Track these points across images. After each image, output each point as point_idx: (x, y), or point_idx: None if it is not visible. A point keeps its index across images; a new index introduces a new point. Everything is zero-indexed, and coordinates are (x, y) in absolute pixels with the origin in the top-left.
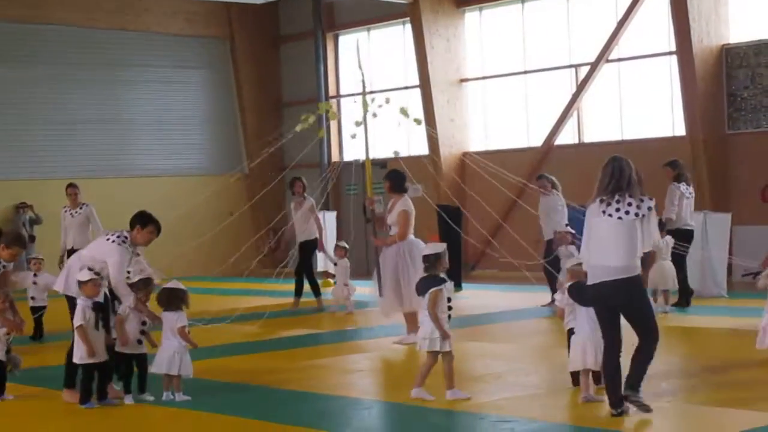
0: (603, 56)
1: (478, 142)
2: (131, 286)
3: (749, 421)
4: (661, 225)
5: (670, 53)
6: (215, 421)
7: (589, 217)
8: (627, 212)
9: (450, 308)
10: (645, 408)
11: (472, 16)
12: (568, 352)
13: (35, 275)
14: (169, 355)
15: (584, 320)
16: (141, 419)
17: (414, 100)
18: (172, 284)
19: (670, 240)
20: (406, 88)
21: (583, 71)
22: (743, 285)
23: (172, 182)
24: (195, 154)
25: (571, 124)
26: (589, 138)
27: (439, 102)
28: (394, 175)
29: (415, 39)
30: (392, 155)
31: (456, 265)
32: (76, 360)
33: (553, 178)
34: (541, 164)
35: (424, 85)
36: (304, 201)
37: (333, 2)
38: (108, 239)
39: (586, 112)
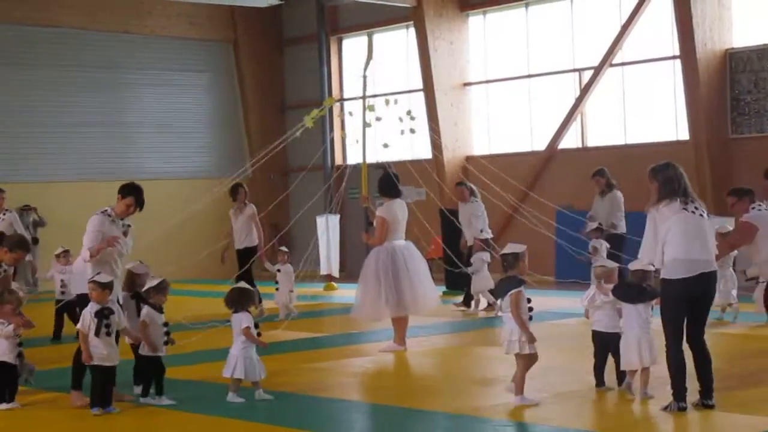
0: (607, 60)
1: (481, 146)
2: (147, 291)
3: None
4: (599, 230)
5: (674, 57)
6: (227, 426)
7: (667, 215)
8: (702, 212)
9: (531, 309)
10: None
11: (475, 20)
12: (595, 352)
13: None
14: (233, 358)
15: (633, 318)
16: (142, 423)
17: (417, 104)
18: (240, 284)
19: (605, 244)
20: (410, 91)
21: (587, 75)
22: (747, 289)
23: (176, 185)
24: (199, 157)
25: (574, 128)
26: (592, 142)
27: (443, 106)
28: (381, 178)
29: (418, 43)
30: (395, 159)
31: (459, 268)
32: (86, 361)
33: (472, 186)
34: (545, 168)
35: (428, 88)
36: (245, 207)
37: (337, 6)
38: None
39: (590, 116)
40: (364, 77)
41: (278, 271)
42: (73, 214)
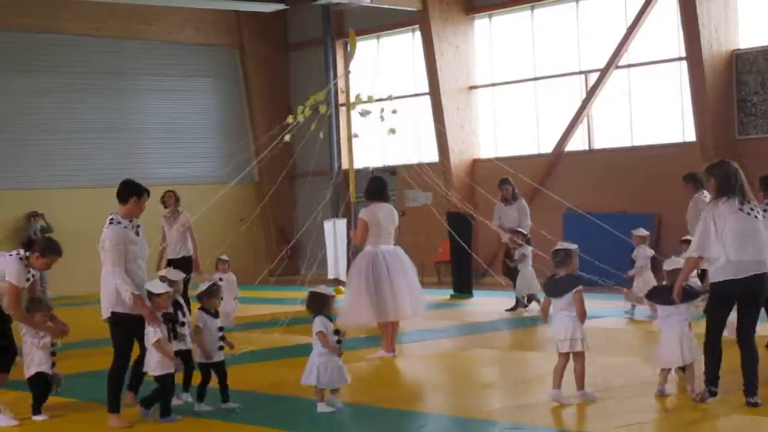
0: (613, 62)
1: (488, 149)
2: (198, 296)
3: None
4: (524, 235)
5: (680, 59)
6: None
7: (725, 214)
8: (757, 213)
9: None
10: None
11: (481, 23)
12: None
13: None
14: (310, 365)
15: (674, 318)
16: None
17: (424, 108)
18: (319, 288)
19: (530, 248)
20: (416, 95)
21: (593, 77)
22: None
23: (183, 190)
24: (205, 162)
25: (581, 130)
26: (599, 144)
27: (449, 109)
28: (368, 182)
29: (424, 46)
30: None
31: (466, 271)
32: (153, 372)
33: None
34: (551, 171)
35: (434, 92)
36: (178, 215)
37: (342, 10)
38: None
39: (596, 119)
40: (347, 73)
41: (220, 280)
42: (80, 220)
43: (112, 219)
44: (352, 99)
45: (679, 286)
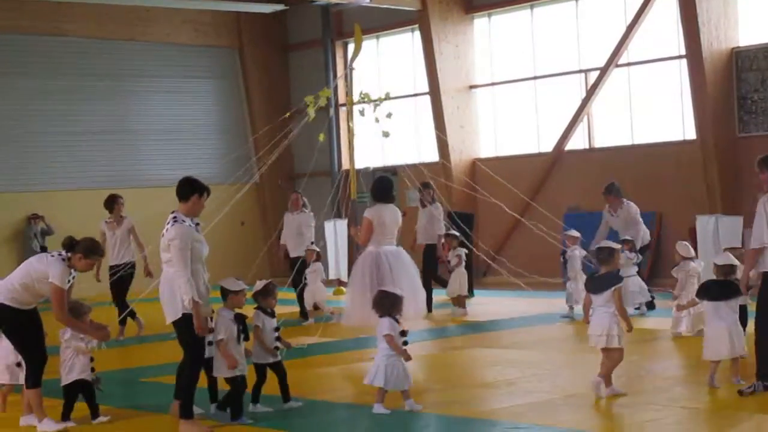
0: (612, 61)
1: (488, 149)
2: (254, 296)
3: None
4: (457, 238)
5: (680, 57)
6: None
7: None
8: None
9: None
10: None
11: (480, 23)
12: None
13: None
14: (377, 366)
15: (723, 311)
16: None
17: (424, 107)
18: (390, 289)
19: (463, 250)
20: (416, 95)
21: (593, 76)
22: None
23: None
24: (205, 164)
25: (581, 129)
26: (599, 143)
27: (449, 109)
28: (374, 183)
29: (424, 46)
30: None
31: (467, 271)
32: (220, 374)
33: (305, 199)
34: (552, 169)
35: (434, 92)
36: (122, 220)
37: (341, 10)
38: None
39: (596, 117)
40: (351, 69)
41: None
42: (80, 222)
43: (176, 217)
44: (357, 97)
45: (746, 279)
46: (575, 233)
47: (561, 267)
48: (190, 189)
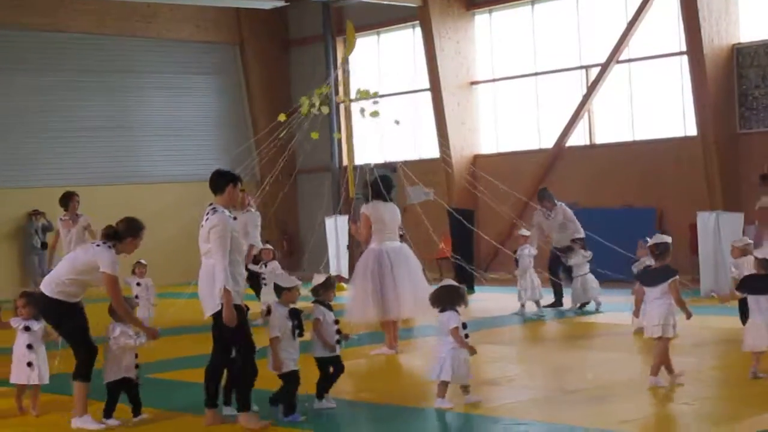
0: (613, 57)
1: (489, 145)
2: (315, 290)
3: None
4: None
5: (681, 53)
6: None
7: None
8: None
9: None
10: None
11: (481, 19)
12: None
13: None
14: (440, 360)
15: (763, 304)
16: None
17: (425, 104)
18: (446, 282)
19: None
20: (416, 91)
21: (594, 72)
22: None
23: (184, 188)
24: (206, 160)
25: (582, 125)
26: (600, 139)
27: (450, 105)
28: (372, 182)
29: (424, 42)
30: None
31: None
32: (277, 370)
33: (251, 198)
34: (553, 166)
35: (435, 88)
36: (77, 218)
37: (342, 6)
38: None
39: (597, 113)
40: (346, 64)
41: (138, 285)
42: None
43: (215, 208)
44: (354, 94)
45: None
46: (526, 232)
47: (514, 265)
48: (224, 180)
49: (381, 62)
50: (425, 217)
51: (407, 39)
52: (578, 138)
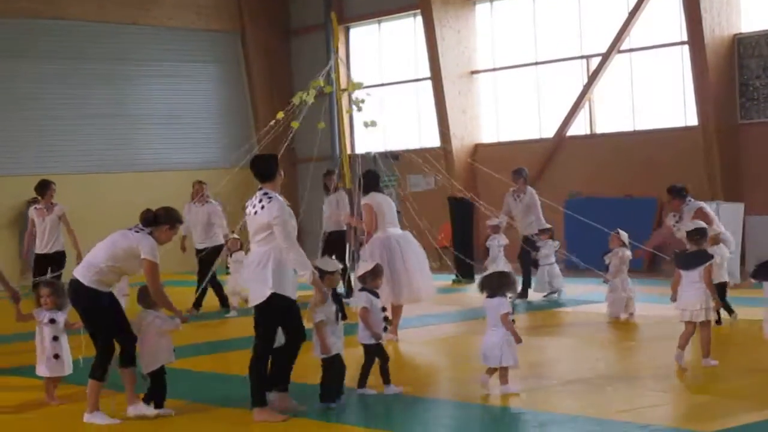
0: (614, 47)
1: (490, 134)
2: (363, 278)
3: (759, 414)
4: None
5: (682, 43)
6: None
7: None
8: None
9: None
10: None
11: (482, 8)
12: None
13: None
14: (491, 346)
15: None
16: None
17: (425, 92)
18: (499, 268)
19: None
20: (417, 80)
21: (595, 62)
22: None
23: (184, 176)
24: (206, 148)
25: (582, 114)
26: (601, 129)
27: (451, 94)
28: (363, 176)
29: (426, 31)
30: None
31: (468, 256)
32: (316, 355)
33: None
34: (553, 155)
35: (436, 77)
36: (53, 207)
37: None
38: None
39: (598, 103)
40: (336, 53)
41: None
42: (80, 206)
43: (269, 194)
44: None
45: None
46: (495, 221)
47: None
48: (276, 165)
49: (382, 51)
50: (425, 206)
51: (408, 28)
52: (579, 128)
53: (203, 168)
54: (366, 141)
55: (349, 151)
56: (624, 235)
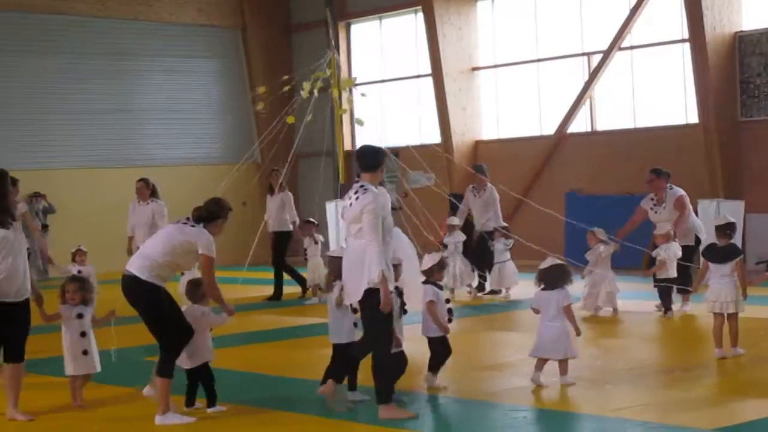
0: (615, 44)
1: (490, 131)
2: (429, 270)
3: (760, 411)
4: (315, 224)
5: (683, 41)
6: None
7: None
8: None
9: None
10: None
11: (484, 5)
12: None
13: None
14: (551, 339)
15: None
16: None
17: (426, 89)
18: (550, 261)
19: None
20: (418, 76)
21: (596, 59)
22: (756, 273)
23: (185, 171)
24: (207, 144)
25: (583, 112)
26: (601, 126)
27: (451, 91)
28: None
29: (427, 28)
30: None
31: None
32: (398, 346)
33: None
34: (554, 152)
35: (436, 73)
36: (15, 204)
37: None
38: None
39: (599, 100)
40: (334, 51)
41: (79, 272)
42: (81, 201)
43: (365, 186)
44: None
45: None
46: (455, 220)
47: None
48: (380, 157)
49: (383, 47)
50: (425, 203)
51: (410, 24)
52: (579, 125)
53: (204, 163)
54: (365, 138)
55: (349, 147)
56: (600, 232)
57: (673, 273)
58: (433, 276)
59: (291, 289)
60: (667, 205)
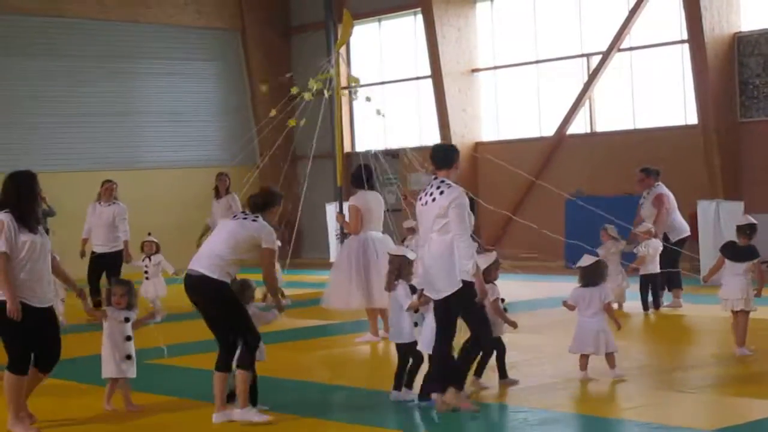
0: (615, 45)
1: (490, 132)
2: (488, 270)
3: (760, 411)
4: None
5: (682, 42)
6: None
7: None
8: None
9: None
10: None
11: (483, 6)
12: None
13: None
14: (593, 334)
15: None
16: None
17: (426, 91)
18: (589, 258)
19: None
20: (418, 78)
21: (595, 60)
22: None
23: (185, 174)
24: (207, 146)
25: (582, 113)
26: (601, 127)
27: (451, 92)
28: (353, 170)
29: (426, 29)
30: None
31: None
32: (424, 349)
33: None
34: (554, 154)
35: (436, 75)
36: None
37: None
38: None
39: (598, 102)
40: (337, 53)
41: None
42: (82, 203)
43: (446, 182)
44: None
45: None
46: (412, 223)
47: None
48: (455, 154)
49: (382, 49)
50: None
51: (409, 26)
52: (579, 126)
53: (204, 166)
54: (366, 139)
55: (349, 149)
56: (612, 229)
57: (655, 269)
58: (490, 275)
59: (291, 290)
60: (645, 202)
